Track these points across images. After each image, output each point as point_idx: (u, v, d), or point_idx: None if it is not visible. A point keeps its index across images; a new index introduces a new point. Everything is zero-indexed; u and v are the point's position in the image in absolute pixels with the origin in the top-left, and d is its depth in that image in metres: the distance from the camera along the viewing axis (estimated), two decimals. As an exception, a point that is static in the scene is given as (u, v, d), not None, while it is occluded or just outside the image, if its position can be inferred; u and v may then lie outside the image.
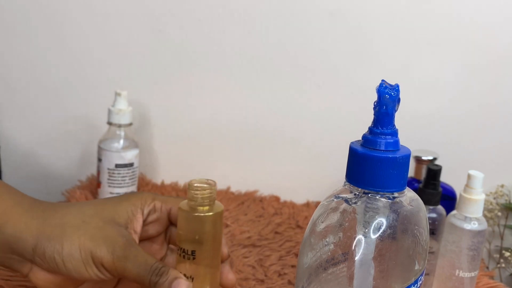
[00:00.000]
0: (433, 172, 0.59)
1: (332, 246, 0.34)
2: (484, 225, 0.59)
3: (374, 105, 0.34)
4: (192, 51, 0.88)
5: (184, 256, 0.45)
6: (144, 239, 0.49)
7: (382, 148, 0.34)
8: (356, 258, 0.33)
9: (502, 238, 0.86)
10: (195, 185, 0.45)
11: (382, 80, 0.34)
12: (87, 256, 0.43)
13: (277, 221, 0.80)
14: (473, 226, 0.58)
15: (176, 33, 0.88)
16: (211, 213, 0.45)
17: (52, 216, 0.44)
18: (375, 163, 0.33)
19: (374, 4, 0.83)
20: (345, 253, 0.33)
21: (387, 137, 0.34)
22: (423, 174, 0.72)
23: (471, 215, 0.58)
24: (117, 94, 0.78)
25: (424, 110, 0.85)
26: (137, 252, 0.44)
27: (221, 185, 0.92)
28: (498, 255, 0.87)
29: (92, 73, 0.91)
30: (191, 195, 0.45)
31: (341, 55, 0.85)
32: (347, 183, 0.35)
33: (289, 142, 0.90)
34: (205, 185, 0.45)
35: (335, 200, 0.35)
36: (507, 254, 0.82)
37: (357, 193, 0.34)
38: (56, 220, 0.44)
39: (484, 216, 0.83)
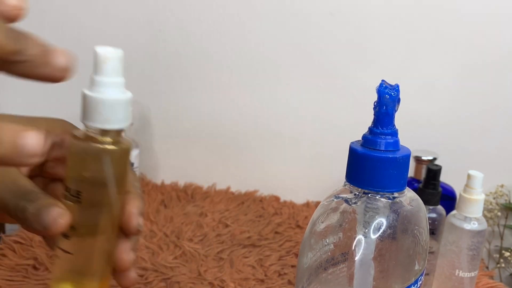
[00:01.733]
0: (433, 172, 0.59)
1: (332, 246, 0.34)
2: (484, 225, 0.59)
3: (374, 105, 0.34)
4: (192, 51, 0.88)
5: (65, 197, 0.30)
6: (50, 177, 0.35)
7: (382, 148, 0.34)
8: (356, 258, 0.33)
9: (502, 238, 0.86)
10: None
11: (382, 80, 0.34)
12: None
13: (277, 221, 0.80)
14: (473, 226, 0.58)
15: (176, 33, 0.88)
16: (113, 147, 0.30)
17: None
18: (375, 163, 0.33)
19: (374, 5, 0.83)
20: (345, 253, 0.33)
21: (387, 137, 0.34)
22: (423, 174, 0.72)
23: (471, 215, 0.58)
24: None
25: (424, 110, 0.85)
26: (4, 171, 0.31)
27: (221, 185, 0.92)
28: (498, 255, 0.87)
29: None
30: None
31: (341, 55, 0.85)
32: (347, 183, 0.35)
33: (289, 142, 0.90)
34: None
35: (335, 200, 0.35)
36: (506, 254, 0.82)
37: (357, 193, 0.34)
38: None
39: (484, 216, 0.83)
